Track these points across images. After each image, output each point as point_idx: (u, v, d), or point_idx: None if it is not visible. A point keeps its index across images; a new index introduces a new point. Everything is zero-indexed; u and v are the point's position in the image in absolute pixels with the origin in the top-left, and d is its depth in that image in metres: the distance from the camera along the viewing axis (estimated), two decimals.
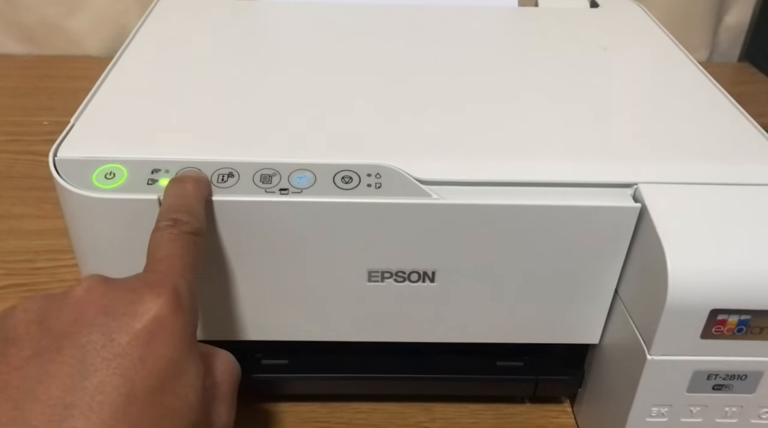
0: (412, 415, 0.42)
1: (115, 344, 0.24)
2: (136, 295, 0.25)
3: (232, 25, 0.48)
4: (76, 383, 0.23)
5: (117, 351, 0.24)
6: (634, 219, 0.32)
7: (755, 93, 0.77)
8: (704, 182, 0.33)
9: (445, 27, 0.48)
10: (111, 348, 0.24)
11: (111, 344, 0.24)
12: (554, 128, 0.36)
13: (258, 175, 0.32)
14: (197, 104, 0.37)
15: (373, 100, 0.38)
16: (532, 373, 0.40)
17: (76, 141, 0.34)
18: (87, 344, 0.23)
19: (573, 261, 0.34)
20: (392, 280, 0.34)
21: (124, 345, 0.24)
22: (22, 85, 0.75)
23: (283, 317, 0.36)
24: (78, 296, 0.25)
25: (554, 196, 0.32)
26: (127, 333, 0.24)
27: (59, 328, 0.24)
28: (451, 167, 0.33)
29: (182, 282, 0.27)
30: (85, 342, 0.24)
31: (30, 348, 0.24)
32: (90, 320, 0.24)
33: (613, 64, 0.44)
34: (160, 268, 0.27)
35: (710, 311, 0.30)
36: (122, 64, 0.41)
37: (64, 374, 0.23)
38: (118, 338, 0.24)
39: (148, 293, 0.25)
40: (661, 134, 0.36)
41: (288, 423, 0.41)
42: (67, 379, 0.23)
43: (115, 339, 0.24)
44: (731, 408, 0.34)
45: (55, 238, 0.53)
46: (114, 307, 0.25)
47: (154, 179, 0.31)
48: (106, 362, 0.23)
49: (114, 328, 0.24)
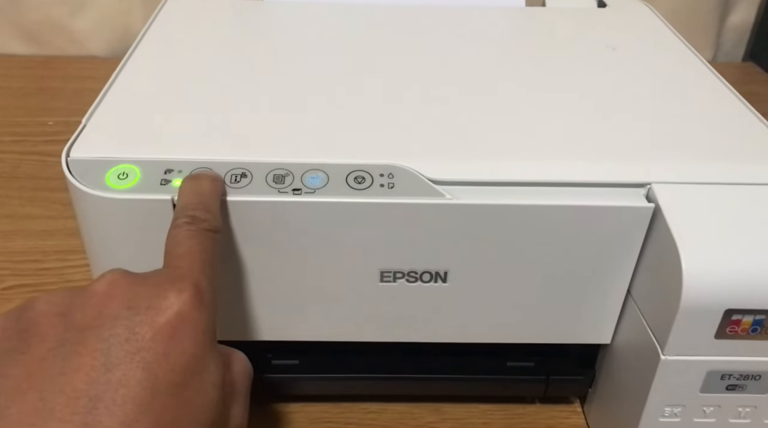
0: (422, 415, 0.42)
1: (139, 338, 0.24)
2: (159, 290, 0.25)
3: (240, 26, 0.48)
4: (100, 376, 0.23)
5: (141, 345, 0.24)
6: (647, 219, 0.32)
7: (760, 93, 0.77)
8: (717, 182, 0.33)
9: (453, 27, 0.48)
10: (135, 342, 0.24)
11: (134, 338, 0.24)
12: (566, 128, 0.36)
13: (271, 175, 0.32)
14: (208, 104, 0.37)
15: (384, 101, 0.38)
16: (542, 373, 0.40)
17: (88, 141, 0.33)
18: (111, 337, 0.24)
19: (585, 261, 0.34)
20: (404, 280, 0.34)
21: (148, 339, 0.24)
22: (26, 86, 0.75)
23: (294, 318, 0.36)
24: (102, 290, 0.25)
25: (567, 196, 0.32)
26: (151, 328, 0.24)
27: (83, 321, 0.24)
28: (464, 167, 0.33)
29: (203, 279, 0.27)
30: (109, 336, 0.24)
31: (53, 340, 0.24)
32: (114, 313, 0.24)
33: (623, 64, 0.44)
34: (182, 264, 0.27)
35: (725, 311, 0.30)
36: (132, 65, 0.41)
37: (88, 366, 0.23)
38: (141, 332, 0.24)
39: (172, 289, 0.25)
40: (674, 134, 0.36)
41: (298, 423, 0.41)
42: (91, 372, 0.23)
43: (138, 333, 0.24)
44: (745, 408, 0.33)
45: (63, 239, 0.53)
46: (138, 301, 0.25)
47: (168, 179, 0.31)
48: (129, 355, 0.23)
49: (137, 322, 0.24)
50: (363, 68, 0.42)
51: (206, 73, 0.40)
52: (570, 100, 0.39)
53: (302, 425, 0.41)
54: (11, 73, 0.77)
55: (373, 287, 0.34)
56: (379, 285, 0.34)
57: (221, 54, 0.43)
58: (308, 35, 0.46)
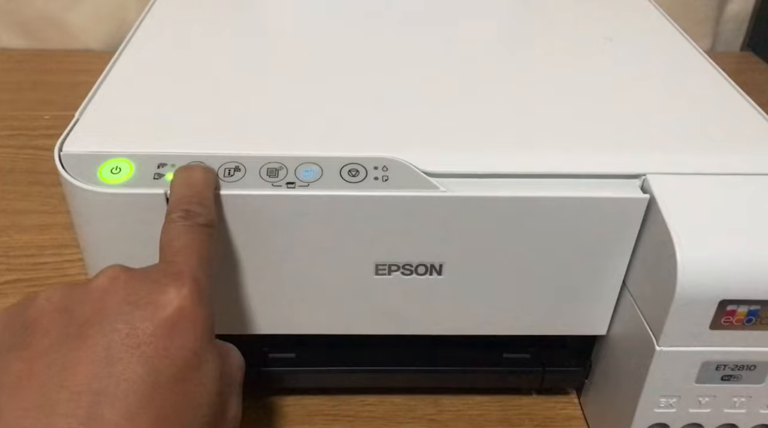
0: (419, 407, 0.42)
1: (140, 332, 0.24)
2: (159, 285, 0.25)
3: (233, 18, 0.48)
4: (101, 370, 0.23)
5: (141, 339, 0.24)
6: (642, 210, 0.32)
7: (758, 82, 0.77)
8: (712, 173, 0.33)
9: (450, 18, 0.48)
10: (135, 337, 0.24)
11: (135, 332, 0.24)
12: (561, 119, 0.36)
13: (264, 169, 0.32)
14: (202, 98, 0.37)
15: (379, 93, 0.38)
16: (538, 365, 0.40)
17: (81, 136, 0.33)
18: (111, 332, 0.24)
19: (581, 253, 0.34)
20: (399, 273, 0.34)
21: (149, 334, 0.24)
22: (21, 80, 0.75)
23: (290, 311, 0.36)
24: (101, 286, 0.25)
25: (562, 187, 0.32)
26: (151, 323, 0.24)
27: (83, 316, 0.24)
28: (458, 160, 0.33)
29: (201, 274, 0.27)
30: (110, 331, 0.24)
31: (54, 336, 0.24)
32: (114, 309, 0.24)
33: (619, 55, 0.43)
34: (180, 259, 0.27)
35: (719, 301, 0.30)
36: (125, 58, 0.41)
37: (89, 361, 0.23)
38: (142, 327, 0.24)
39: (171, 284, 0.25)
40: (669, 125, 0.36)
41: (295, 416, 0.41)
42: (92, 366, 0.23)
43: (139, 327, 0.24)
44: (740, 398, 0.34)
45: (59, 233, 0.53)
46: (138, 296, 0.25)
47: (161, 173, 0.31)
48: (130, 350, 0.23)
49: (138, 317, 0.24)
50: (357, 61, 0.42)
51: (199, 66, 0.40)
52: (565, 91, 0.39)
53: (299, 418, 0.41)
54: (6, 67, 0.77)
55: (368, 280, 0.34)
56: (375, 278, 0.34)
57: (214, 47, 0.43)
58: (301, 28, 0.46)
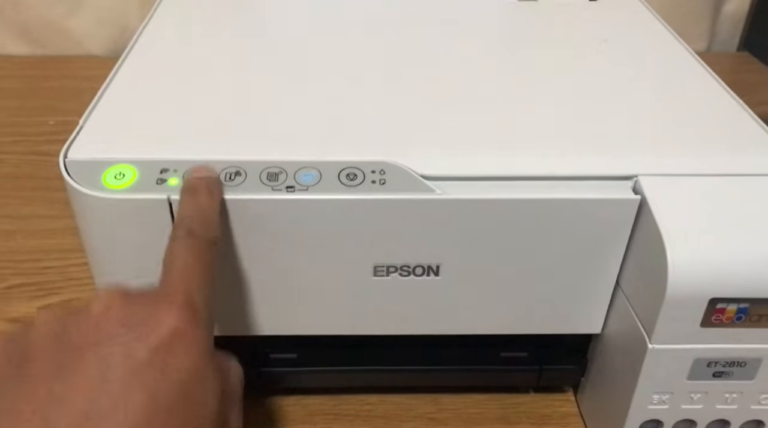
0: (419, 406, 0.42)
1: (136, 356, 0.24)
2: (154, 308, 0.26)
3: (235, 23, 0.48)
4: (100, 395, 0.23)
5: (138, 363, 0.24)
6: (634, 211, 0.33)
7: (754, 82, 0.77)
8: (703, 174, 0.33)
9: (445, 21, 0.48)
10: (132, 360, 0.24)
11: (132, 356, 0.24)
12: (554, 122, 0.37)
13: (264, 173, 0.33)
14: (204, 104, 0.38)
15: (376, 97, 0.39)
16: (535, 363, 0.41)
17: (85, 142, 0.34)
18: (108, 356, 0.24)
19: (575, 253, 0.34)
20: (397, 274, 0.35)
21: (145, 357, 0.24)
22: (25, 86, 0.75)
23: (290, 313, 0.36)
24: (98, 310, 0.25)
25: (555, 189, 0.33)
26: (147, 346, 0.24)
27: (80, 341, 0.24)
28: (454, 163, 0.33)
29: (198, 294, 0.27)
30: (106, 354, 0.24)
31: (52, 362, 0.24)
32: (110, 332, 0.24)
33: (612, 58, 0.44)
34: (176, 280, 0.27)
35: (709, 300, 0.31)
36: (128, 65, 0.41)
37: (87, 387, 0.23)
38: (138, 350, 0.24)
39: (166, 307, 0.26)
40: (661, 126, 0.37)
41: (296, 415, 0.41)
42: (90, 392, 0.23)
43: (135, 350, 0.24)
44: (731, 394, 0.34)
45: (64, 237, 0.53)
46: (134, 320, 0.25)
47: (163, 178, 0.32)
48: (127, 374, 0.24)
49: (133, 340, 0.24)
50: (355, 66, 0.42)
51: (201, 73, 0.41)
52: (558, 94, 0.40)
53: (300, 417, 0.41)
54: (10, 74, 0.78)
55: (366, 282, 0.35)
56: (373, 279, 0.35)
57: (216, 52, 0.43)
58: (302, 34, 0.47)
